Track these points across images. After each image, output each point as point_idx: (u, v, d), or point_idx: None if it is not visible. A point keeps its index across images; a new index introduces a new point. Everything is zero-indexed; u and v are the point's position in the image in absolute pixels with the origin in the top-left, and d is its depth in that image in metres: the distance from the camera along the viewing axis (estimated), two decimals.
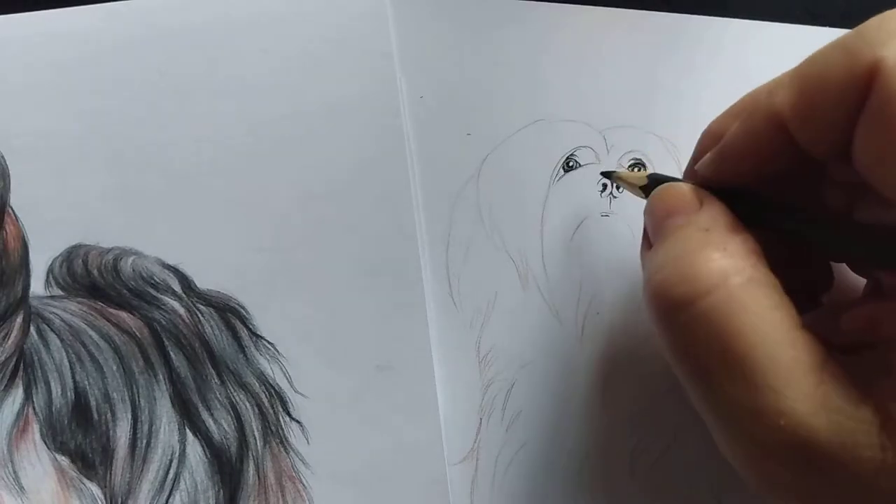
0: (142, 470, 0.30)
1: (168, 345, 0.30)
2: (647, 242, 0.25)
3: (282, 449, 0.30)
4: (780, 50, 0.33)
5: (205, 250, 0.31)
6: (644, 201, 0.26)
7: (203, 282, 0.31)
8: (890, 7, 0.30)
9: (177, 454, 0.30)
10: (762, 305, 0.20)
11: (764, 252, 0.22)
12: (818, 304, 0.26)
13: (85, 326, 0.30)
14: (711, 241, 0.22)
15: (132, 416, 0.30)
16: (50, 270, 0.30)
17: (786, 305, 0.21)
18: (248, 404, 0.30)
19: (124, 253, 0.31)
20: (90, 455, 0.30)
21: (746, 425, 0.20)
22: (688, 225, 0.23)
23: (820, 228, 0.23)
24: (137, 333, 0.30)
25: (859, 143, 0.20)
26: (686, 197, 0.24)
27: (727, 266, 0.21)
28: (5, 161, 0.31)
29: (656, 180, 0.27)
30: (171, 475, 0.30)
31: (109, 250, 0.31)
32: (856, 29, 0.20)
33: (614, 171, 0.30)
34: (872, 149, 0.20)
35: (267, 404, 0.30)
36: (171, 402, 0.30)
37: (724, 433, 0.21)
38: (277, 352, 0.31)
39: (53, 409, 0.30)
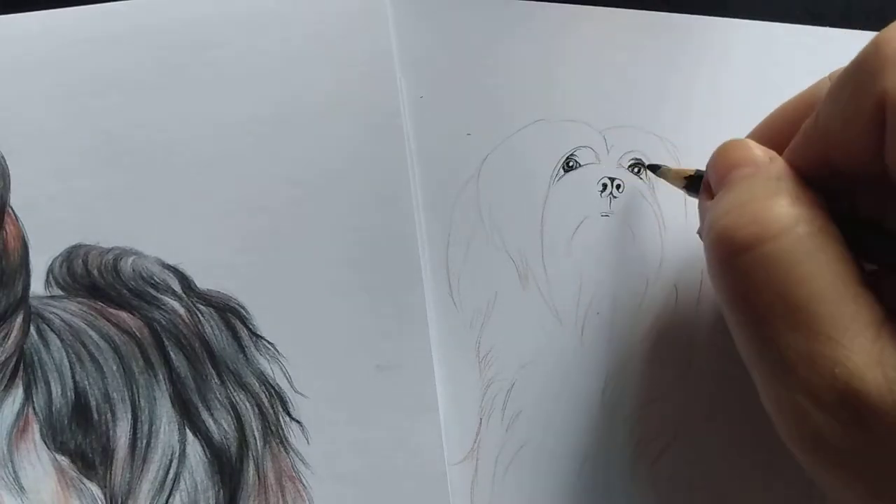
0: (142, 470, 0.30)
1: (168, 345, 0.30)
2: (707, 193, 0.25)
3: (282, 449, 0.30)
4: (780, 50, 0.33)
5: (205, 250, 0.31)
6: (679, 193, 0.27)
7: (203, 282, 0.31)
8: (889, 7, 0.30)
9: (177, 454, 0.30)
10: (829, 256, 0.20)
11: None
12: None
13: (85, 326, 0.30)
14: (783, 188, 0.22)
15: (132, 416, 0.30)
16: (50, 270, 0.30)
17: (851, 260, 0.21)
18: (248, 404, 0.30)
19: (124, 253, 0.31)
20: (90, 455, 0.30)
21: (800, 371, 0.20)
22: (758, 174, 0.23)
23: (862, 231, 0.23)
24: (137, 333, 0.30)
25: (890, 164, 0.20)
26: (756, 150, 0.24)
27: (797, 213, 0.21)
28: (5, 161, 0.31)
29: (701, 177, 0.27)
30: (171, 475, 0.30)
31: (109, 250, 0.31)
32: (857, 58, 0.21)
33: (661, 166, 0.31)
34: None
35: (267, 404, 0.30)
36: (171, 402, 0.30)
37: (774, 381, 0.21)
38: (277, 352, 0.31)
39: (53, 409, 0.30)
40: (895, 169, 0.20)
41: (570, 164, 0.32)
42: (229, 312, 0.31)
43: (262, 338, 0.31)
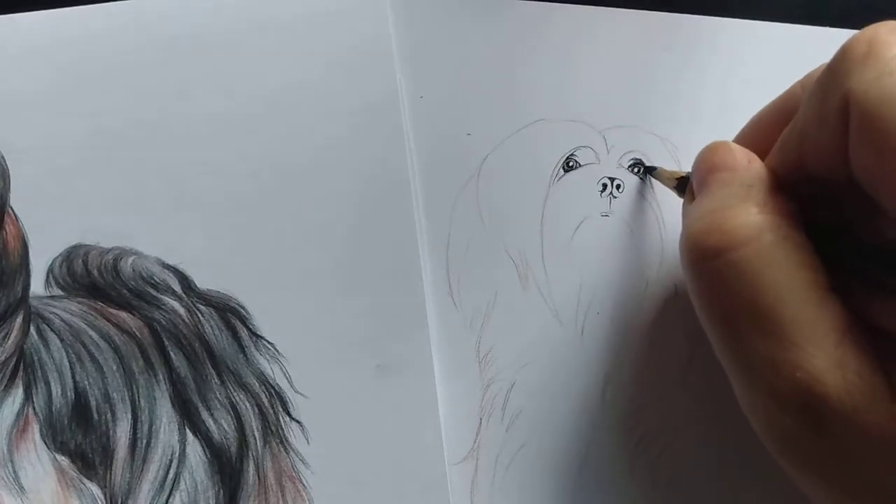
0: (142, 470, 0.30)
1: (168, 345, 0.30)
2: (691, 196, 0.26)
3: (282, 449, 0.30)
4: (780, 50, 0.33)
5: (205, 250, 0.31)
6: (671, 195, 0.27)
7: (203, 282, 0.31)
8: (889, 6, 0.30)
9: (177, 454, 0.30)
10: (793, 263, 0.21)
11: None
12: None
13: (85, 326, 0.30)
14: (752, 196, 0.22)
15: (132, 416, 0.30)
16: (50, 270, 0.30)
17: (816, 267, 0.21)
18: (248, 404, 0.30)
19: (124, 253, 0.31)
20: (90, 455, 0.30)
21: (765, 375, 0.20)
22: (732, 180, 0.23)
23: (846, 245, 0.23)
24: (137, 333, 0.30)
25: (854, 166, 0.21)
26: (734, 153, 0.24)
27: (763, 222, 0.21)
28: (5, 161, 0.31)
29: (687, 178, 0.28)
30: (171, 475, 0.30)
31: (109, 250, 0.31)
32: (838, 52, 0.21)
33: (656, 167, 0.31)
34: (864, 171, 0.20)
35: (267, 404, 0.30)
36: (171, 402, 0.30)
37: (744, 382, 0.22)
38: (277, 352, 0.31)
39: (53, 409, 0.30)
40: (858, 168, 0.20)
41: (570, 164, 0.32)
42: (229, 312, 0.31)
43: (262, 338, 0.31)
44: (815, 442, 0.20)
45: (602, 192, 0.32)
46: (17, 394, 0.30)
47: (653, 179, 0.32)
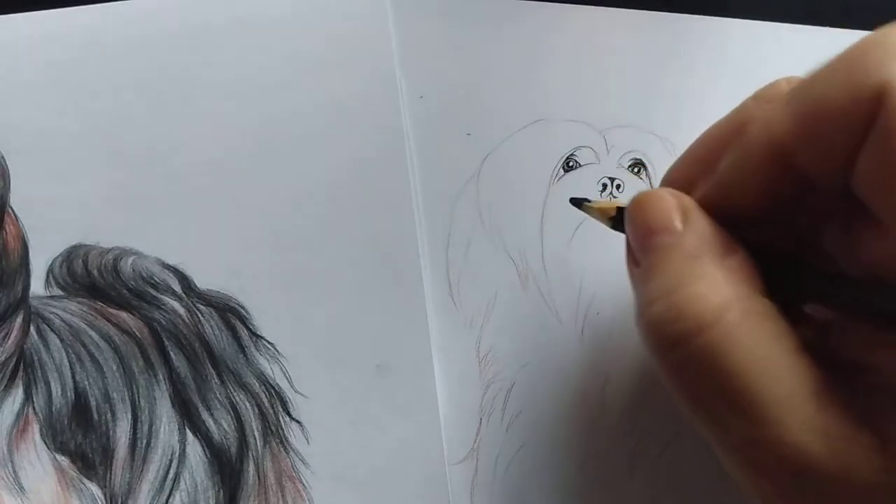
0: (142, 470, 0.30)
1: (168, 345, 0.30)
2: (632, 257, 0.25)
3: (282, 449, 0.30)
4: (781, 50, 0.33)
5: (205, 250, 0.31)
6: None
7: (203, 282, 0.31)
8: (889, 6, 0.30)
9: (177, 454, 0.30)
10: (759, 339, 0.20)
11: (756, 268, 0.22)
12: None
13: (85, 326, 0.30)
14: (704, 273, 0.21)
15: (132, 416, 0.30)
16: (50, 270, 0.30)
17: (783, 333, 0.20)
18: (248, 404, 0.30)
19: (124, 253, 0.31)
20: (90, 455, 0.30)
21: (747, 453, 0.20)
22: (675, 249, 0.22)
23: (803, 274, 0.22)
24: (137, 333, 0.30)
25: (863, 169, 0.19)
26: (669, 211, 0.23)
27: (721, 302, 0.20)
28: (5, 161, 0.31)
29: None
30: (171, 475, 0.30)
31: (109, 250, 0.31)
32: (857, 46, 0.19)
33: (584, 201, 0.29)
34: (878, 174, 0.19)
35: (267, 404, 0.30)
36: (171, 402, 0.30)
37: (726, 458, 0.21)
38: (277, 352, 0.31)
39: (53, 409, 0.30)
40: (866, 169, 0.19)
41: (570, 164, 0.32)
42: (229, 312, 0.31)
43: (262, 338, 0.31)
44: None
45: (602, 191, 0.32)
46: (17, 394, 0.30)
47: (654, 177, 0.32)
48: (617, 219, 0.27)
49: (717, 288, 0.21)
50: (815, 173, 0.21)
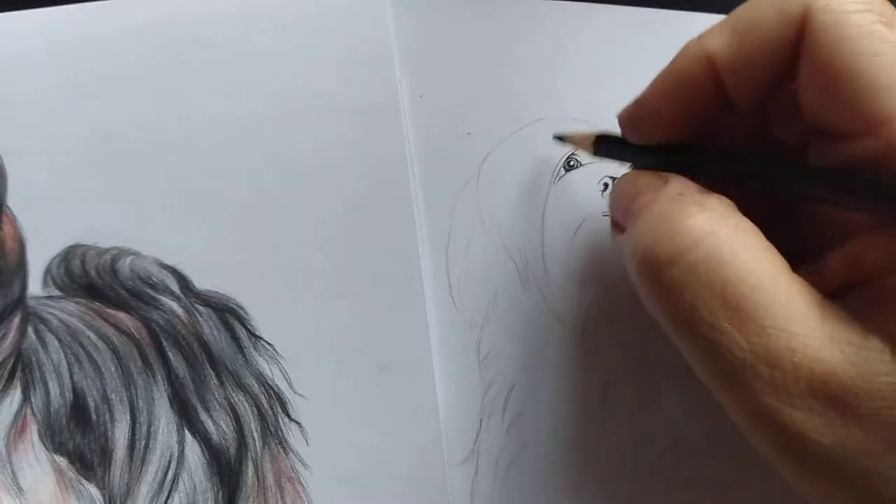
0: (140, 471, 0.30)
1: (166, 345, 0.30)
2: (618, 229, 0.25)
3: (281, 450, 0.30)
4: None
5: (203, 250, 0.31)
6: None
7: (201, 282, 0.31)
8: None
9: (175, 455, 0.30)
10: (753, 249, 0.20)
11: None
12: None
13: (83, 327, 0.30)
14: (688, 201, 0.22)
15: (130, 416, 0.30)
16: (47, 271, 0.30)
17: (774, 249, 0.21)
18: (246, 405, 0.30)
19: (122, 253, 0.31)
20: (89, 456, 0.30)
21: (761, 371, 0.19)
22: (659, 197, 0.23)
23: (773, 169, 0.23)
24: (135, 334, 0.30)
25: (803, 86, 0.20)
26: (650, 177, 0.24)
27: (709, 217, 0.21)
28: (2, 160, 0.30)
29: (605, 137, 0.28)
30: (169, 476, 0.30)
31: (107, 250, 0.30)
32: None
33: (566, 135, 0.30)
34: (814, 89, 0.20)
35: (266, 405, 0.30)
36: (170, 402, 0.30)
37: (740, 393, 0.20)
38: (276, 352, 0.31)
39: (52, 409, 0.30)
40: (807, 88, 0.20)
41: (571, 163, 0.32)
42: (228, 313, 0.31)
43: (260, 338, 0.31)
44: (831, 429, 0.19)
45: (603, 191, 0.32)
46: (16, 395, 0.30)
47: None
48: (597, 145, 0.28)
49: (703, 209, 0.21)
50: (740, 92, 0.22)
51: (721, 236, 0.20)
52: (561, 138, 0.30)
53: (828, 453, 0.19)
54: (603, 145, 0.28)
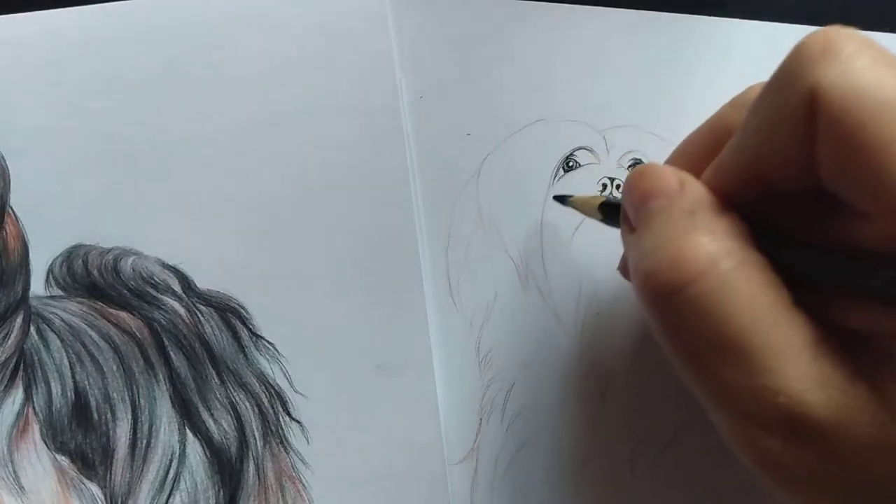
0: (142, 470, 0.30)
1: (168, 345, 0.30)
2: (628, 225, 0.25)
3: (282, 449, 0.30)
4: (781, 50, 0.33)
5: (205, 250, 0.31)
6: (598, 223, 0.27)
7: (203, 282, 0.31)
8: (890, 6, 0.30)
9: (177, 454, 0.30)
10: (753, 287, 0.20)
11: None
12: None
13: (85, 326, 0.30)
14: (697, 224, 0.21)
15: (132, 416, 0.30)
16: (50, 270, 0.30)
17: (777, 284, 0.20)
18: (248, 404, 0.30)
19: (124, 253, 0.31)
20: (90, 455, 0.30)
21: (744, 405, 0.20)
22: (671, 207, 0.22)
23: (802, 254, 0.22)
24: (137, 333, 0.30)
25: (824, 166, 0.20)
26: (666, 176, 0.23)
27: (715, 250, 0.21)
28: (5, 161, 0.31)
29: (610, 204, 0.27)
30: (171, 475, 0.30)
31: (109, 250, 0.31)
32: (790, 52, 0.21)
33: (569, 196, 0.31)
34: (837, 166, 0.20)
35: (267, 404, 0.30)
36: (171, 402, 0.30)
37: (722, 414, 0.21)
38: (277, 352, 0.31)
39: (53, 409, 0.30)
40: (827, 167, 0.20)
41: (570, 164, 0.32)
42: (229, 312, 0.31)
43: (262, 338, 0.31)
44: (805, 461, 0.20)
45: (602, 192, 0.32)
46: (18, 394, 0.30)
47: None
48: (604, 211, 0.28)
49: (712, 238, 0.21)
50: (781, 180, 0.21)
51: (722, 272, 0.20)
52: (561, 200, 0.31)
53: (804, 479, 0.20)
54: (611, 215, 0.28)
